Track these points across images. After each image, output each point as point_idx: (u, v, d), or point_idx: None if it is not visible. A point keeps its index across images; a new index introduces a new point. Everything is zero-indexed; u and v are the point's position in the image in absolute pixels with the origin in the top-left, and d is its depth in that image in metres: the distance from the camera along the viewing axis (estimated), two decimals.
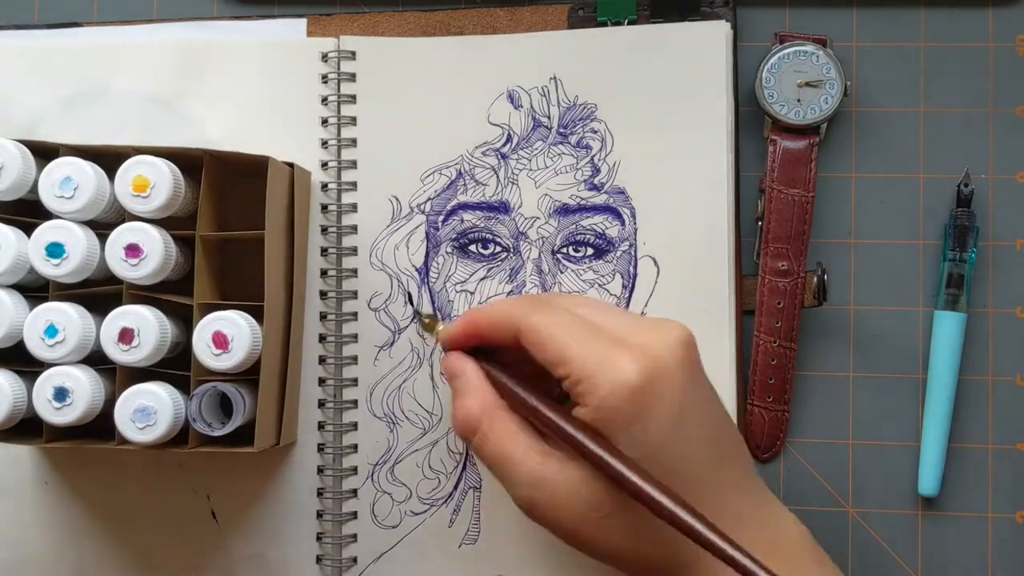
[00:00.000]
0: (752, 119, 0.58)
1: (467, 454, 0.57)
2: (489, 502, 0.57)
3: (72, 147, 0.52)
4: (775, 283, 0.57)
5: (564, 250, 0.57)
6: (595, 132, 0.57)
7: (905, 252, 0.58)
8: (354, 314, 0.57)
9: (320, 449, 0.57)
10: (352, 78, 0.58)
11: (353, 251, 0.57)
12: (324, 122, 0.58)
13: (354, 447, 0.57)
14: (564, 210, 0.57)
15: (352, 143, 0.58)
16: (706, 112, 0.56)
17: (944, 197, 0.58)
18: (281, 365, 0.54)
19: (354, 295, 0.57)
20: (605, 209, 0.57)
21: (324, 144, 0.58)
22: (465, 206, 0.57)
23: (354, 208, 0.58)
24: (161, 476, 0.58)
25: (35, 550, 0.58)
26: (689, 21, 0.57)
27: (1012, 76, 0.58)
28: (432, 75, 0.58)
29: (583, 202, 0.57)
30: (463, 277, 0.57)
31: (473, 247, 0.57)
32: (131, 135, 0.58)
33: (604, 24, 0.58)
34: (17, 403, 0.50)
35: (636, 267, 0.57)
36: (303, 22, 0.59)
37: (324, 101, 0.58)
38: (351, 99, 0.58)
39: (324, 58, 0.58)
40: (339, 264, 0.57)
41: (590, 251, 0.57)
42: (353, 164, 0.58)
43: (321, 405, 0.57)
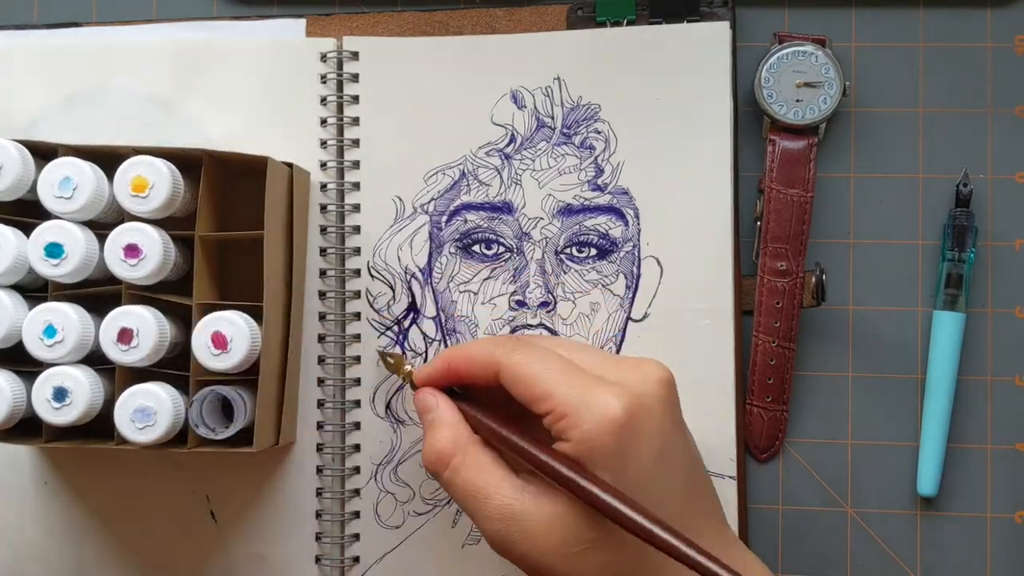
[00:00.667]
0: (751, 119, 0.58)
1: None
2: None
3: (71, 147, 0.52)
4: (774, 283, 0.57)
5: (568, 250, 0.57)
6: (599, 133, 0.57)
7: (904, 252, 0.58)
8: (357, 314, 0.57)
9: (319, 449, 0.57)
10: (355, 79, 0.58)
11: (356, 251, 0.57)
12: (323, 122, 0.58)
13: (356, 447, 0.57)
14: (568, 210, 0.57)
15: (355, 144, 0.58)
16: (708, 112, 0.56)
17: (943, 197, 0.58)
18: (280, 365, 0.54)
19: (357, 295, 0.57)
20: (609, 209, 0.57)
21: (323, 144, 0.58)
22: (468, 206, 0.57)
23: (357, 208, 0.57)
24: (161, 476, 0.57)
25: (35, 550, 0.58)
26: (689, 22, 0.57)
27: (1011, 76, 0.58)
28: (435, 75, 0.58)
29: (587, 202, 0.57)
30: (466, 277, 0.57)
31: (476, 247, 0.57)
32: (131, 135, 0.57)
33: (603, 24, 0.58)
34: (16, 403, 0.50)
35: (640, 267, 0.57)
36: (302, 22, 0.59)
37: (323, 101, 0.58)
38: (354, 100, 0.58)
39: (323, 58, 0.58)
40: (342, 264, 0.57)
41: (594, 251, 0.57)
42: (356, 164, 0.57)
43: (320, 405, 0.57)
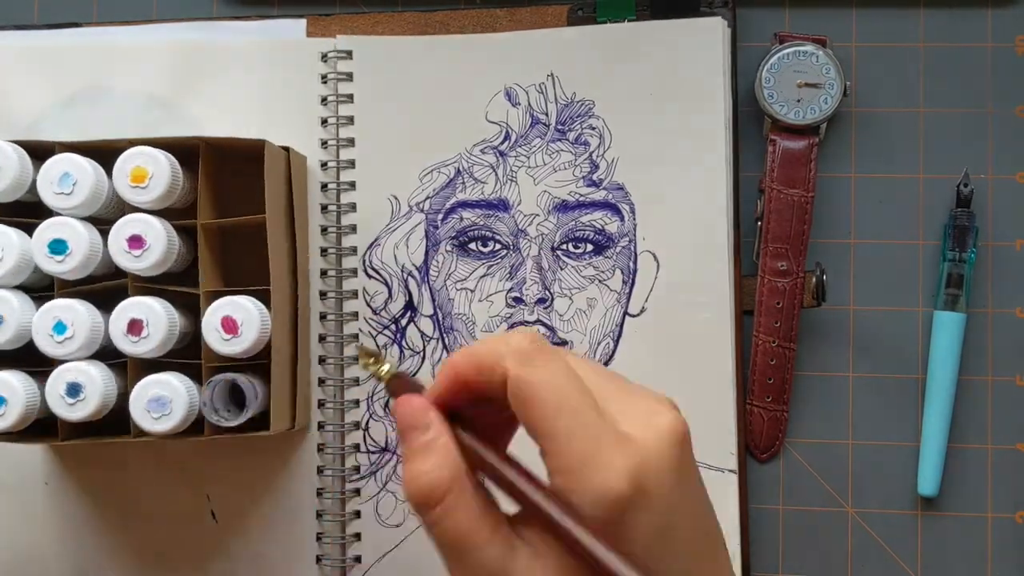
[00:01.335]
0: (752, 119, 0.58)
1: None
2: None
3: (68, 144, 0.52)
4: (774, 283, 0.57)
5: (564, 247, 0.57)
6: (593, 128, 0.57)
7: (904, 252, 0.58)
8: (355, 314, 0.57)
9: (320, 449, 0.57)
10: (349, 77, 0.58)
11: (353, 251, 0.57)
12: (324, 122, 0.58)
13: (356, 447, 0.57)
14: (563, 207, 0.57)
15: (350, 143, 0.58)
16: (703, 107, 0.56)
17: (943, 197, 0.58)
18: (291, 348, 0.54)
19: (354, 295, 0.57)
20: (604, 205, 0.57)
21: (324, 144, 0.58)
22: (464, 204, 0.57)
23: (353, 208, 0.57)
24: (161, 476, 0.57)
25: (36, 550, 0.58)
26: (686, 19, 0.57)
27: (1011, 76, 0.58)
28: (429, 73, 0.58)
29: (582, 198, 0.57)
30: (463, 275, 0.57)
31: (473, 245, 0.57)
32: (130, 135, 0.57)
33: (604, 24, 0.58)
34: (30, 403, 0.50)
35: (636, 262, 0.57)
36: (302, 22, 0.59)
37: (324, 101, 0.58)
38: (348, 99, 0.58)
39: (324, 58, 0.58)
40: (339, 264, 0.57)
41: (590, 247, 0.57)
42: (351, 164, 0.58)
43: (321, 405, 0.57)
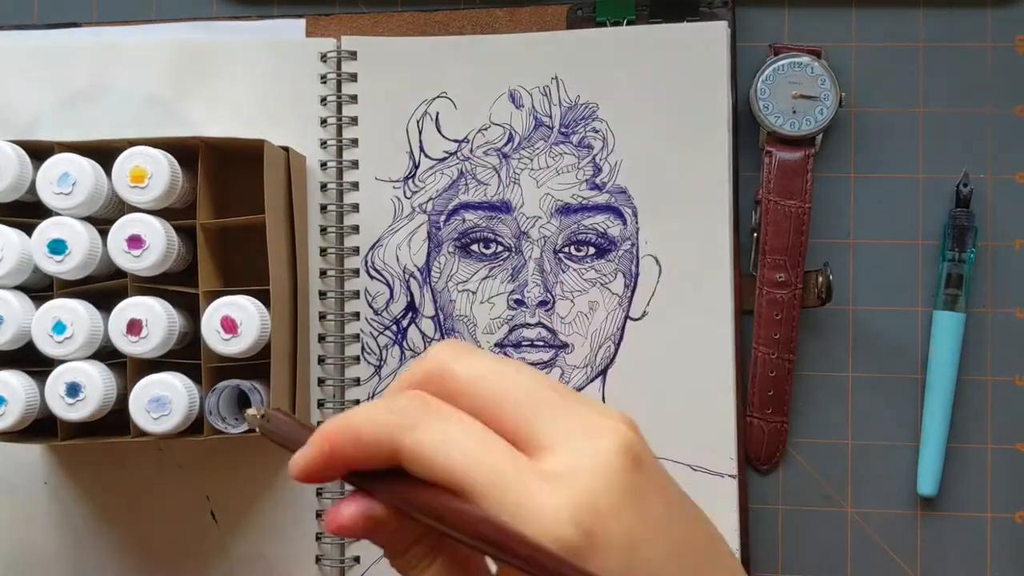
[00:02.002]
0: (747, 130, 0.58)
1: None
2: None
3: (67, 144, 0.52)
4: (773, 294, 0.57)
5: (566, 249, 0.57)
6: (596, 132, 0.57)
7: (904, 252, 0.58)
8: (356, 314, 0.57)
9: None
10: (353, 78, 0.58)
11: (354, 251, 0.57)
12: (323, 122, 0.58)
13: None
14: (566, 209, 0.57)
15: (354, 143, 0.58)
16: (706, 111, 0.56)
17: (943, 197, 0.58)
18: (291, 347, 0.54)
19: (356, 295, 0.57)
20: (607, 208, 0.57)
21: (323, 144, 0.58)
22: (467, 206, 0.57)
23: (355, 208, 0.57)
24: (161, 476, 0.57)
25: (35, 550, 0.58)
26: (689, 22, 0.57)
27: (1011, 76, 0.58)
28: (433, 75, 0.58)
29: (585, 201, 0.57)
30: (465, 277, 0.57)
31: (475, 247, 0.57)
32: (130, 135, 0.57)
33: (603, 24, 0.58)
34: (30, 403, 0.50)
35: (638, 266, 0.57)
36: (302, 22, 0.59)
37: (323, 101, 0.58)
38: (352, 99, 0.58)
39: (323, 58, 0.58)
40: (340, 264, 0.57)
41: (592, 250, 0.57)
42: (355, 164, 0.58)
43: (320, 405, 0.57)
